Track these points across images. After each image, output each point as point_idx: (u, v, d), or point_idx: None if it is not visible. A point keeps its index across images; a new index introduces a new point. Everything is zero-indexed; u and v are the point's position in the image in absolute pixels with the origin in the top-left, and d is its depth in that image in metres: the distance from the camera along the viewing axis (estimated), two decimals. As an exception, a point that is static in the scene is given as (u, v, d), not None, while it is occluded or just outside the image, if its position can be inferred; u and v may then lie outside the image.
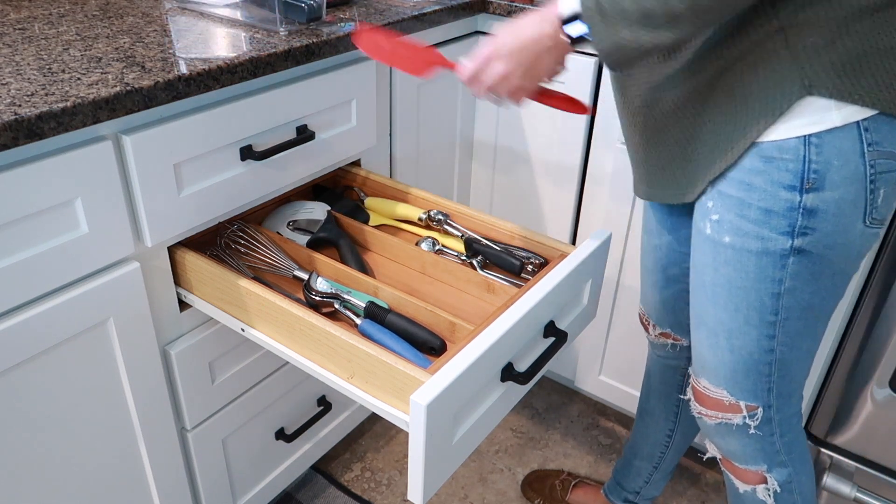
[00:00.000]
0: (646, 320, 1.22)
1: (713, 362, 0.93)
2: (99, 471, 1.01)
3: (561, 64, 0.84)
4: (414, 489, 0.79)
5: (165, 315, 1.03)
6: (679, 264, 1.09)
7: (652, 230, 1.11)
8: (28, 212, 0.79)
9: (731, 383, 0.93)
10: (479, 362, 0.77)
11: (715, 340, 0.91)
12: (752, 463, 0.99)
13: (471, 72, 0.86)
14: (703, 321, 0.93)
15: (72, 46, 0.98)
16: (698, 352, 0.96)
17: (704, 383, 0.96)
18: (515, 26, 0.82)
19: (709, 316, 0.91)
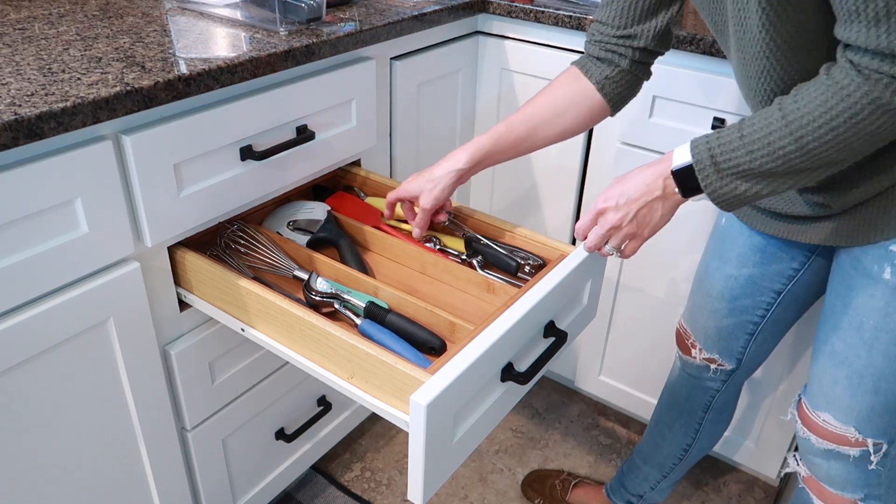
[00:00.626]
0: (690, 342, 1.20)
1: (848, 402, 0.92)
2: (99, 471, 1.01)
3: (668, 211, 0.87)
4: (414, 489, 0.79)
5: (165, 315, 1.03)
6: (753, 297, 1.08)
7: (730, 259, 1.09)
8: (28, 212, 0.79)
9: (864, 422, 0.92)
10: (479, 362, 0.77)
11: (859, 381, 0.90)
12: (850, 491, 0.97)
13: (585, 225, 0.91)
14: (847, 362, 0.91)
15: (72, 46, 0.98)
16: (825, 388, 0.94)
17: (825, 417, 0.94)
18: (627, 181, 0.86)
19: (859, 359, 0.90)
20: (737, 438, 1.50)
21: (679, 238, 1.39)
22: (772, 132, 0.75)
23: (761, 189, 0.78)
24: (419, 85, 1.38)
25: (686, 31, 1.21)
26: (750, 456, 1.50)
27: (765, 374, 1.40)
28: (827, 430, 0.95)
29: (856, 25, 0.67)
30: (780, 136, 0.74)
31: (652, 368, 1.56)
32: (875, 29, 0.66)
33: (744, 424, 1.48)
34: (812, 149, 0.72)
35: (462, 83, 1.50)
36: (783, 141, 0.74)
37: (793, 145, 0.73)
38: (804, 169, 0.75)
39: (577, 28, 1.33)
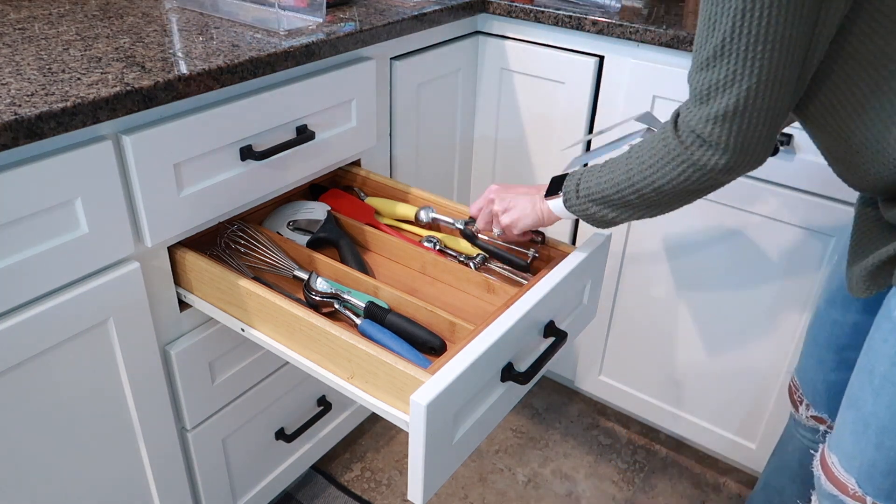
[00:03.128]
0: (798, 397, 1.10)
1: (852, 449, 0.86)
2: (99, 471, 1.01)
3: (543, 221, 0.98)
4: (414, 489, 0.79)
5: (165, 315, 1.03)
6: (860, 349, 0.95)
7: (836, 302, 1.00)
8: (28, 212, 0.79)
9: (864, 477, 0.85)
10: (479, 362, 0.77)
11: (863, 430, 0.84)
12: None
13: (476, 210, 1.05)
14: (856, 405, 0.85)
15: (72, 46, 0.98)
16: (838, 428, 0.89)
17: (834, 460, 0.89)
18: (519, 186, 1.02)
19: (865, 404, 0.84)
20: (737, 438, 1.51)
21: (679, 237, 1.39)
22: (618, 164, 0.85)
23: (607, 214, 0.88)
24: (419, 85, 1.38)
25: (686, 31, 1.21)
26: (750, 456, 1.50)
27: (767, 373, 1.40)
28: (832, 474, 0.89)
29: None
30: (620, 169, 0.84)
31: (652, 368, 1.56)
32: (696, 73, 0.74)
33: (744, 425, 1.48)
34: (639, 187, 0.83)
35: (462, 83, 1.50)
36: (620, 175, 0.84)
37: (623, 176, 0.84)
38: (634, 203, 0.85)
39: (577, 28, 1.33)
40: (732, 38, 0.69)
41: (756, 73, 0.69)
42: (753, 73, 0.69)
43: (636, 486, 1.57)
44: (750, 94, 0.70)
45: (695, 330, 1.46)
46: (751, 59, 0.69)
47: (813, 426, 1.09)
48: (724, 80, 0.71)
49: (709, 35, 0.71)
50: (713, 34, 0.70)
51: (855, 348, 0.97)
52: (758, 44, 0.68)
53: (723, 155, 0.74)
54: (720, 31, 0.69)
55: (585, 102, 1.40)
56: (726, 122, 0.72)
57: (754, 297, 1.35)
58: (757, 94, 0.70)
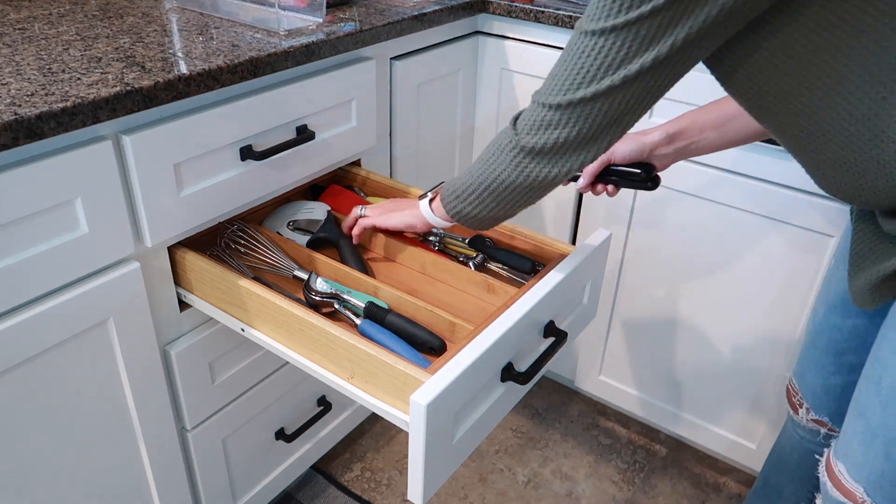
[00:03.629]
0: (797, 400, 1.09)
1: (861, 459, 0.85)
2: (99, 471, 1.01)
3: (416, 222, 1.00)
4: (414, 489, 0.79)
5: (165, 315, 1.03)
6: (860, 353, 0.97)
7: (835, 306, 0.99)
8: (28, 212, 0.79)
9: (873, 487, 0.84)
10: (479, 362, 0.77)
11: (871, 440, 0.84)
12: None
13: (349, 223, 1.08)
14: (864, 415, 0.85)
15: (72, 46, 0.98)
16: (846, 437, 0.88)
17: (841, 468, 0.88)
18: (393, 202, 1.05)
19: (874, 415, 0.83)
20: (737, 438, 1.51)
21: (679, 237, 1.39)
22: (479, 157, 0.86)
23: (470, 210, 0.88)
24: (419, 85, 1.38)
25: (686, 31, 1.21)
26: (750, 456, 1.50)
27: (767, 373, 1.40)
28: (839, 482, 0.89)
29: None
30: (476, 162, 0.85)
31: (652, 368, 1.56)
32: None
33: (744, 425, 1.48)
34: (481, 181, 0.84)
35: (462, 83, 1.50)
36: (475, 167, 0.85)
37: (476, 172, 0.85)
38: (484, 201, 0.86)
39: (577, 28, 1.33)
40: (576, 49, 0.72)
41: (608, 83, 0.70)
42: None
43: (636, 486, 1.57)
44: (585, 102, 0.73)
45: (695, 330, 1.46)
46: None
47: (813, 429, 1.09)
48: (566, 84, 0.73)
49: None
50: None
51: (854, 352, 0.97)
52: None
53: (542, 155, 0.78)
54: None
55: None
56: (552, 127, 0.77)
57: (754, 296, 1.35)
58: (594, 103, 0.72)
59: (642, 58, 0.66)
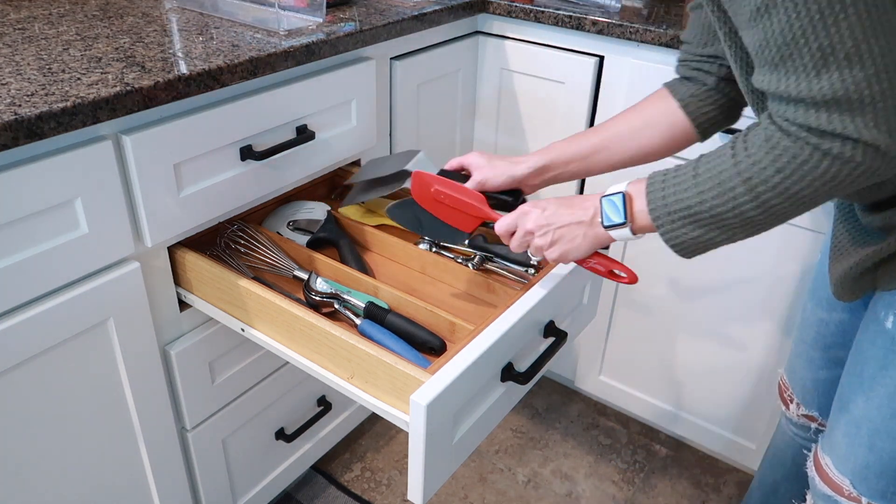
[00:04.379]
0: (788, 395, 1.10)
1: (845, 451, 0.86)
2: (99, 470, 1.01)
3: (600, 246, 0.84)
4: (414, 489, 0.79)
5: (165, 315, 1.03)
6: (846, 348, 0.96)
7: (822, 300, 0.99)
8: (28, 212, 0.79)
9: (859, 478, 0.85)
10: (479, 362, 0.77)
11: (855, 432, 0.84)
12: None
13: (505, 232, 0.87)
14: (847, 408, 0.85)
15: (72, 46, 0.98)
16: (831, 430, 0.89)
17: (828, 461, 0.89)
18: (562, 205, 0.83)
19: (856, 407, 0.84)
20: (737, 438, 1.51)
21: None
22: (722, 172, 0.69)
23: (715, 237, 0.72)
24: (419, 85, 1.38)
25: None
26: (750, 456, 1.50)
27: (767, 373, 1.40)
28: (826, 475, 0.89)
29: (760, 70, 0.66)
30: (730, 177, 0.69)
31: (652, 368, 1.56)
32: (776, 73, 0.63)
33: (744, 425, 1.48)
34: (761, 192, 0.67)
35: (462, 83, 1.50)
36: (733, 182, 0.68)
37: (742, 187, 0.68)
38: (755, 218, 0.69)
39: (577, 28, 1.33)
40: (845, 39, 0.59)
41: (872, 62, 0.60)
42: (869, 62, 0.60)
43: (636, 486, 1.57)
44: None
45: (694, 330, 1.46)
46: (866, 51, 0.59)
47: (804, 424, 1.09)
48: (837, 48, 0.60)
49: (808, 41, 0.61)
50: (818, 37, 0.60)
51: (842, 346, 0.98)
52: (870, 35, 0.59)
53: (866, 140, 0.62)
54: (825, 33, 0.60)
55: (585, 102, 1.40)
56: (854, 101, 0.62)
57: (753, 296, 1.35)
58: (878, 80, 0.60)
59: None
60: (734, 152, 0.69)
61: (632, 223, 0.78)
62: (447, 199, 0.94)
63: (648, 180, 0.76)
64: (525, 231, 0.84)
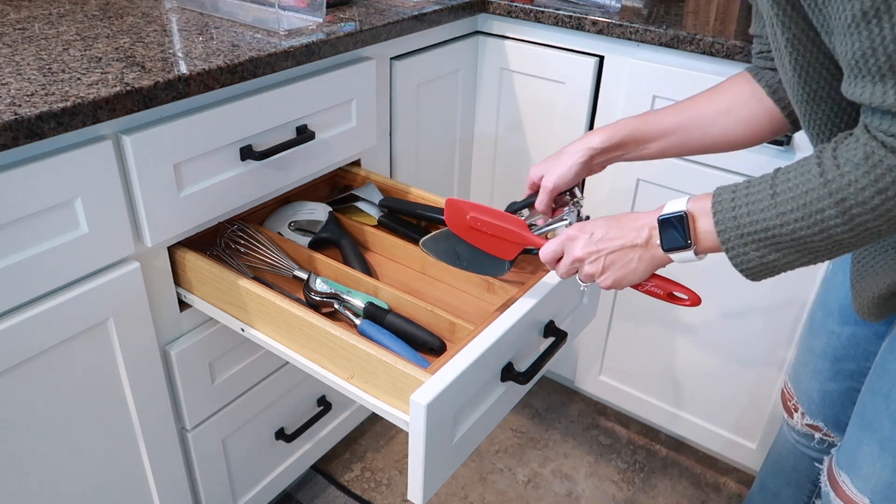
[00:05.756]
0: (792, 404, 1.07)
1: (867, 470, 0.84)
2: (99, 470, 1.01)
3: (647, 266, 0.77)
4: (414, 489, 0.79)
5: (165, 315, 1.03)
6: (858, 361, 0.95)
7: (833, 312, 0.96)
8: (28, 212, 0.79)
9: (880, 498, 0.83)
10: (479, 362, 0.77)
11: (879, 453, 0.82)
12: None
13: (551, 259, 0.82)
14: (871, 427, 0.83)
15: (72, 46, 0.98)
16: (852, 449, 0.87)
17: (846, 479, 0.87)
18: (611, 227, 0.76)
19: (882, 428, 0.81)
20: (737, 438, 1.50)
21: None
22: (809, 191, 0.62)
23: (793, 260, 0.66)
24: (419, 85, 1.38)
25: (686, 31, 1.21)
26: (750, 456, 1.50)
27: (766, 373, 1.40)
28: (843, 492, 0.87)
29: (860, 81, 0.59)
30: (819, 197, 0.62)
31: (652, 368, 1.56)
32: (881, 85, 0.57)
33: (744, 425, 1.48)
34: (856, 214, 0.61)
35: (462, 83, 1.50)
36: (822, 203, 0.62)
37: (833, 209, 0.61)
38: (843, 240, 0.63)
39: (577, 28, 1.33)
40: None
41: None
42: None
43: (636, 486, 1.57)
44: None
45: (694, 330, 1.46)
46: None
47: (807, 433, 1.08)
48: None
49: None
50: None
51: (853, 359, 0.96)
52: None
53: None
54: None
55: (585, 102, 1.40)
56: None
57: (754, 296, 1.35)
58: None
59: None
60: (822, 170, 0.62)
61: (696, 245, 0.71)
62: (484, 226, 0.87)
63: (715, 197, 0.69)
64: (573, 258, 0.78)
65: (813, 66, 0.69)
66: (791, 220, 0.64)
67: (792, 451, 1.14)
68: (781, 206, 0.64)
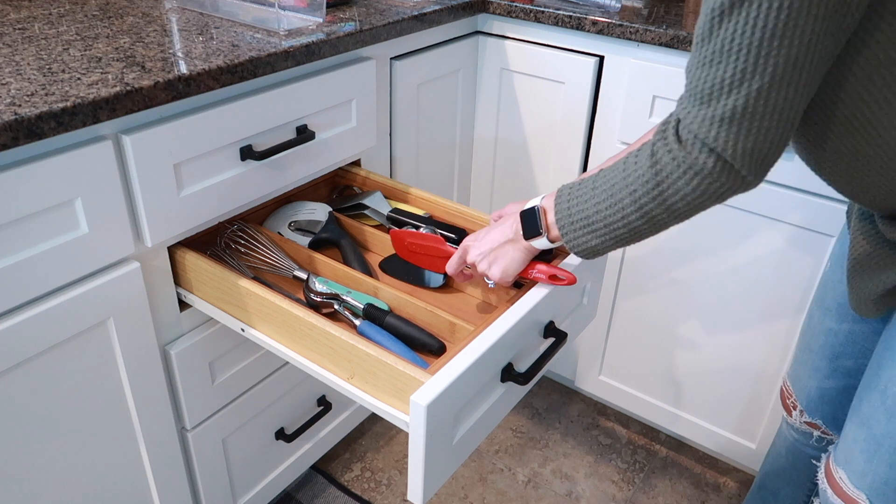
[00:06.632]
0: (791, 402, 1.09)
1: (863, 467, 0.85)
2: (99, 471, 1.01)
3: (531, 257, 0.89)
4: (414, 489, 0.79)
5: (165, 315, 1.03)
6: (856, 358, 0.97)
7: (831, 309, 0.98)
8: (28, 212, 0.79)
9: (877, 494, 0.84)
10: (479, 363, 0.77)
11: (875, 449, 0.83)
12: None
13: (455, 271, 0.95)
14: (867, 424, 0.84)
15: (72, 46, 0.98)
16: (847, 445, 0.88)
17: (842, 475, 0.88)
18: (492, 229, 0.91)
19: (878, 424, 0.82)
20: (737, 438, 1.51)
21: (680, 236, 1.39)
22: (614, 185, 0.75)
23: (609, 244, 0.79)
24: (419, 85, 1.38)
25: (686, 31, 1.21)
26: (750, 456, 1.50)
27: (766, 373, 1.40)
28: (840, 489, 0.88)
29: None
30: (620, 190, 0.74)
31: (652, 368, 1.56)
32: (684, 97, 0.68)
33: (744, 424, 1.48)
34: (643, 204, 0.73)
35: (462, 83, 1.50)
36: (621, 194, 0.74)
37: (628, 199, 0.73)
38: (640, 229, 0.75)
39: (577, 28, 1.33)
40: (744, 32, 0.60)
41: (769, 72, 0.61)
42: (766, 71, 0.61)
43: (636, 486, 1.57)
44: (760, 95, 0.62)
45: (694, 330, 1.46)
46: (764, 56, 0.60)
47: (806, 431, 1.09)
48: (730, 78, 0.62)
49: None
50: None
51: (850, 356, 0.97)
52: (773, 39, 0.59)
53: (729, 162, 0.66)
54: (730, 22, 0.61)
55: (585, 102, 1.40)
56: (732, 125, 0.64)
57: (754, 296, 1.35)
58: (769, 94, 0.62)
59: None
60: (625, 165, 0.74)
61: (547, 233, 0.84)
62: (418, 248, 1.02)
63: (558, 193, 0.83)
64: (471, 264, 0.92)
65: None
66: (602, 209, 0.76)
67: (791, 449, 1.14)
68: (597, 198, 0.77)
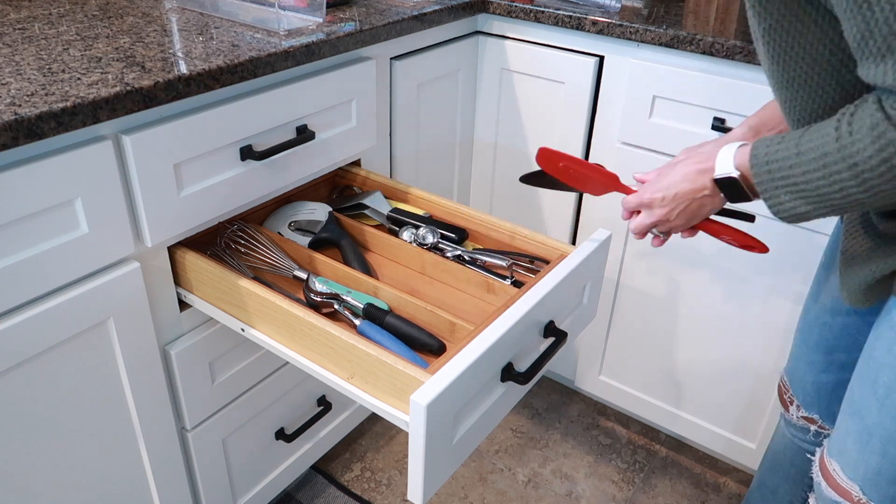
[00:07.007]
0: (788, 397, 1.09)
1: (856, 457, 0.85)
2: (99, 471, 1.01)
3: (717, 208, 0.87)
4: (414, 489, 0.79)
5: (165, 315, 1.03)
6: (850, 351, 0.97)
7: (825, 303, 0.98)
8: (28, 212, 0.79)
9: (869, 484, 0.84)
10: (479, 362, 0.77)
11: (867, 439, 0.83)
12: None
13: (633, 207, 0.92)
14: (859, 414, 0.84)
15: (72, 46, 0.98)
16: (840, 436, 0.87)
17: (836, 466, 0.88)
18: (674, 174, 0.87)
19: (869, 414, 0.83)
20: (737, 438, 1.50)
21: (678, 237, 1.39)
22: (827, 154, 0.67)
23: (820, 212, 0.72)
24: (419, 85, 1.38)
25: (686, 31, 1.21)
26: (750, 456, 1.50)
27: (766, 373, 1.40)
28: (834, 481, 0.88)
29: (865, 62, 0.62)
30: (834, 161, 0.66)
31: (652, 368, 1.56)
32: (882, 66, 0.61)
33: (744, 424, 1.48)
34: (867, 178, 0.65)
35: (462, 83, 1.50)
36: (837, 166, 0.66)
37: (847, 172, 0.66)
38: (861, 201, 0.67)
39: (577, 28, 1.33)
40: None
41: None
42: None
43: (636, 486, 1.57)
44: None
45: (694, 330, 1.46)
46: None
47: (803, 426, 1.09)
48: None
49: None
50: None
51: (844, 350, 0.97)
52: None
53: None
54: None
55: (585, 102, 1.40)
56: None
57: (754, 296, 1.35)
58: None
59: None
60: (838, 134, 0.66)
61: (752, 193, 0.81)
62: (576, 166, 0.97)
63: (752, 151, 0.76)
64: (647, 202, 0.89)
65: (789, 55, 0.74)
66: (814, 179, 0.69)
67: (789, 445, 1.15)
68: (805, 166, 0.69)
